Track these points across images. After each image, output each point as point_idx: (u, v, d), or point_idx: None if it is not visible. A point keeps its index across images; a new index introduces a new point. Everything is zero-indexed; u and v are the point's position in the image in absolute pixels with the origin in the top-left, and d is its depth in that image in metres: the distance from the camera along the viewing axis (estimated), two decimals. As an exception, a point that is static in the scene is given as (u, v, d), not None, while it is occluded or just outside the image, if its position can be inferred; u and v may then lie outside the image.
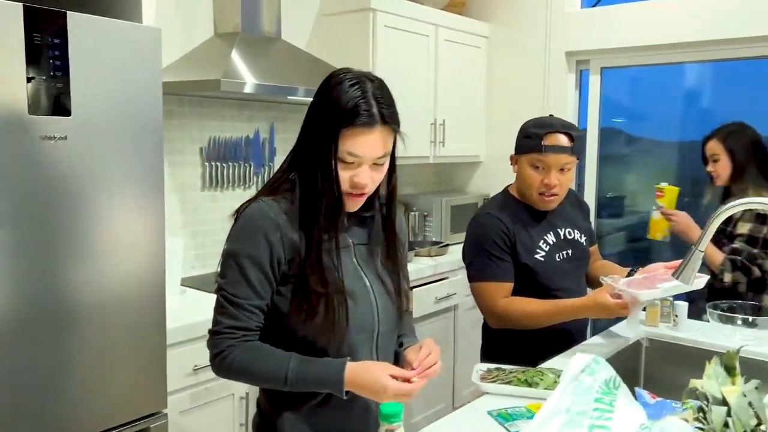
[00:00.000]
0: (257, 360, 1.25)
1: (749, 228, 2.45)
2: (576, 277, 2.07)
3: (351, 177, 1.23)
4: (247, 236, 1.25)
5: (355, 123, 1.19)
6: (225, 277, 1.26)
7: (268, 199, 1.28)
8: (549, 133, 1.93)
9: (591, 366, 1.13)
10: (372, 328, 1.32)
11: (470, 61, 3.83)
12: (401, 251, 1.42)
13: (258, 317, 1.27)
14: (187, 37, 2.77)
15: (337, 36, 3.29)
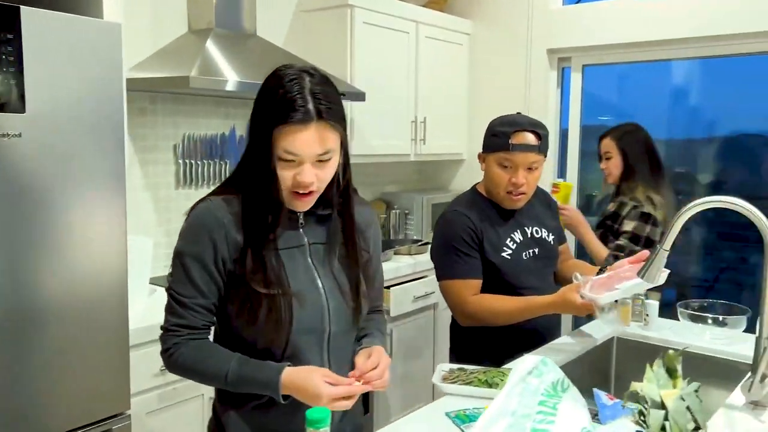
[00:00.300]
0: (201, 358, 1.26)
1: (633, 226, 2.51)
2: (543, 275, 2.05)
3: (294, 176, 1.21)
4: (193, 236, 1.25)
5: (289, 120, 1.17)
6: (173, 276, 1.27)
7: (217, 199, 1.27)
8: (516, 131, 1.91)
9: (539, 368, 1.11)
10: (321, 330, 1.29)
11: (452, 58, 3.80)
12: (369, 250, 1.40)
13: (204, 316, 1.27)
14: (161, 33, 2.74)
15: (315, 33, 3.26)
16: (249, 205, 1.24)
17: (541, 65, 3.70)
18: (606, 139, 2.71)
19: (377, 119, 3.30)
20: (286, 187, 1.23)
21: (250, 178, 1.24)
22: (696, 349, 1.95)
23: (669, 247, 1.59)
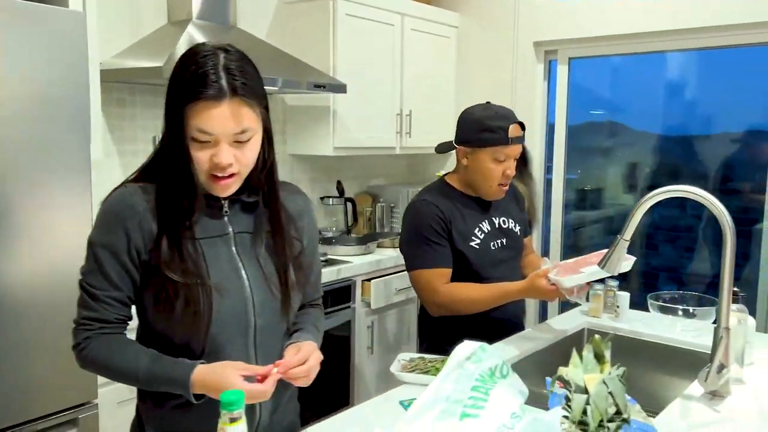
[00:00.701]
0: (113, 354, 1.18)
1: None
2: (510, 265, 2.05)
3: (210, 157, 1.13)
4: (105, 225, 1.18)
5: (201, 96, 1.09)
6: (85, 266, 1.20)
7: (133, 185, 1.20)
8: (511, 124, 1.92)
9: (477, 354, 1.11)
10: (246, 323, 1.21)
11: (438, 51, 3.78)
12: (302, 240, 1.32)
13: (117, 309, 1.19)
14: (140, 25, 2.73)
15: (298, 25, 3.25)
16: (163, 191, 1.17)
17: (527, 58, 3.68)
18: None
19: (361, 112, 3.29)
20: (204, 170, 1.15)
21: (165, 162, 1.16)
22: (664, 340, 1.95)
23: (629, 237, 1.59)
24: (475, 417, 0.99)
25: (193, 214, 1.18)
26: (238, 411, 0.82)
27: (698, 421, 1.38)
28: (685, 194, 1.52)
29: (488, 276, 1.97)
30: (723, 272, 1.48)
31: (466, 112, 2.02)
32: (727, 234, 1.46)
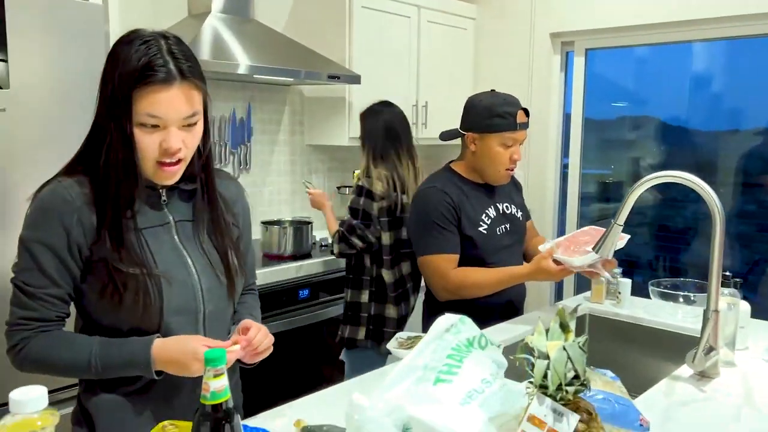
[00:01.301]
0: (56, 349, 1.14)
1: (351, 200, 2.53)
2: (513, 250, 2.09)
3: (160, 143, 1.12)
4: (42, 221, 1.14)
5: (150, 81, 1.08)
6: (18, 265, 1.16)
7: (66, 180, 1.16)
8: (518, 110, 1.98)
9: (456, 326, 1.16)
10: (195, 310, 1.21)
11: (456, 42, 3.82)
12: (239, 225, 1.34)
13: (57, 307, 1.16)
14: (161, 18, 2.83)
15: (314, 17, 3.32)
16: (101, 183, 1.14)
17: (544, 49, 3.69)
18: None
19: (374, 102, 3.34)
20: (151, 157, 1.14)
21: (101, 152, 1.13)
22: (663, 325, 1.97)
23: (622, 222, 1.62)
24: (448, 382, 1.04)
25: (133, 204, 1.16)
26: (221, 366, 0.89)
27: (680, 399, 1.41)
28: (676, 179, 1.54)
29: (492, 261, 2.02)
30: (712, 256, 1.51)
31: (474, 99, 2.07)
32: (716, 218, 1.49)
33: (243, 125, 3.18)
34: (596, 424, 0.96)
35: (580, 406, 0.96)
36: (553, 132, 3.75)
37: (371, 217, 2.45)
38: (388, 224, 2.49)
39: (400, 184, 2.51)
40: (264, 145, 3.31)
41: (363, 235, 2.45)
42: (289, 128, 3.40)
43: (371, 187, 2.46)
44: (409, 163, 2.57)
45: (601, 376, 1.32)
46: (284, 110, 3.38)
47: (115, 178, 1.14)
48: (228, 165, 3.14)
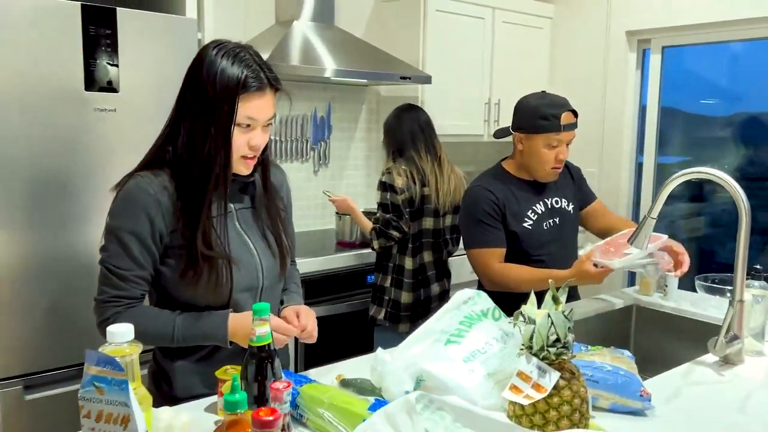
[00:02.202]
0: (143, 322, 1.28)
1: (378, 197, 2.68)
2: (560, 243, 2.18)
3: (248, 141, 1.31)
4: (128, 212, 1.31)
5: (250, 89, 1.28)
6: (108, 250, 1.33)
7: (146, 174, 1.33)
8: (564, 112, 2.08)
9: (473, 299, 1.33)
10: (256, 287, 1.41)
11: (531, 42, 3.91)
12: (284, 208, 1.52)
13: (141, 286, 1.35)
14: (251, 26, 3.13)
15: (391, 22, 3.53)
16: (192, 176, 1.31)
17: (620, 47, 3.72)
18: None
19: (449, 101, 3.51)
20: (240, 153, 1.32)
21: (195, 149, 1.30)
22: (707, 318, 2.02)
23: (656, 215, 1.71)
24: (457, 343, 1.22)
25: (225, 194, 1.34)
26: (266, 316, 1.11)
27: (696, 380, 1.50)
28: (706, 176, 1.62)
29: (538, 255, 2.14)
30: (738, 249, 1.58)
31: (523, 100, 2.19)
32: (742, 213, 1.56)
33: (323, 123, 3.44)
34: (577, 383, 1.10)
35: (564, 367, 1.10)
36: (628, 130, 3.77)
37: (400, 209, 2.64)
38: (410, 215, 2.66)
39: (420, 177, 2.68)
40: (342, 142, 3.56)
41: (398, 226, 2.64)
42: (365, 126, 3.63)
43: (392, 182, 2.64)
44: (429, 157, 2.73)
45: (616, 355, 1.45)
46: (362, 109, 3.62)
47: (210, 173, 1.30)
48: (308, 160, 3.42)
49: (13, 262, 1.95)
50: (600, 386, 1.32)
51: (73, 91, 1.99)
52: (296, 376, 1.30)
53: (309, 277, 2.76)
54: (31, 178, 1.95)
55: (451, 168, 2.83)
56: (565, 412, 1.07)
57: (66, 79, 1.97)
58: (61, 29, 1.95)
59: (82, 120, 2.02)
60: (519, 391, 1.07)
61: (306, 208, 3.45)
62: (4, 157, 1.90)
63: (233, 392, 0.94)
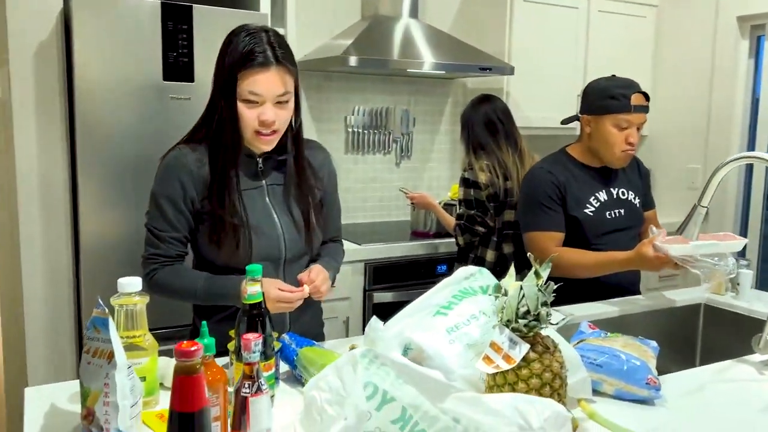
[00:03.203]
0: (174, 279, 1.46)
1: (462, 193, 2.66)
2: (624, 236, 2.07)
3: (258, 115, 1.39)
4: (165, 179, 1.45)
5: (252, 64, 1.36)
6: (149, 213, 1.49)
7: (184, 147, 1.48)
8: (635, 93, 2.01)
9: (475, 275, 1.33)
10: (278, 257, 1.50)
11: (632, 31, 3.71)
12: (322, 188, 1.60)
13: (177, 247, 1.48)
14: (338, 20, 3.26)
15: (478, 15, 3.52)
16: (214, 149, 1.44)
17: (730, 34, 3.44)
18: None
19: (536, 93, 3.43)
20: (251, 127, 1.40)
21: (215, 124, 1.42)
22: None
23: (707, 204, 1.61)
24: (444, 315, 1.22)
25: (236, 166, 1.45)
26: (258, 276, 1.19)
27: (731, 377, 1.39)
28: (753, 161, 1.50)
29: (598, 244, 2.05)
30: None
31: (592, 83, 2.13)
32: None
33: (406, 116, 3.50)
34: (550, 357, 1.07)
35: (538, 340, 1.08)
36: (737, 123, 3.47)
37: (484, 204, 2.61)
38: (495, 210, 2.62)
39: (502, 171, 2.63)
40: (425, 135, 3.60)
41: (483, 221, 2.62)
42: (450, 119, 3.64)
43: (476, 178, 2.61)
44: (509, 149, 2.67)
45: (634, 342, 1.37)
46: (447, 102, 3.64)
47: (223, 145, 1.43)
48: (390, 152, 3.49)
49: (103, 237, 2.19)
50: (603, 371, 1.27)
51: (153, 81, 2.20)
52: (301, 339, 1.37)
53: (380, 263, 2.84)
54: (117, 160, 2.19)
55: (532, 158, 2.77)
56: (533, 385, 1.05)
57: (147, 70, 2.19)
58: (144, 25, 2.17)
59: (160, 107, 2.23)
60: (491, 361, 1.06)
61: (386, 199, 3.53)
62: (96, 141, 2.15)
63: (202, 337, 1.03)
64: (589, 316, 1.82)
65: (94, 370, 1.04)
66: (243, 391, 1.03)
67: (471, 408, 0.90)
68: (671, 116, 3.77)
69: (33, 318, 2.23)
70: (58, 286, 2.25)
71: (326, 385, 0.94)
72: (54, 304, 2.25)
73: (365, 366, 0.95)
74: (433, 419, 0.93)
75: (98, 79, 2.13)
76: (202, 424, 0.81)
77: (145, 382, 1.18)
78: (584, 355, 1.29)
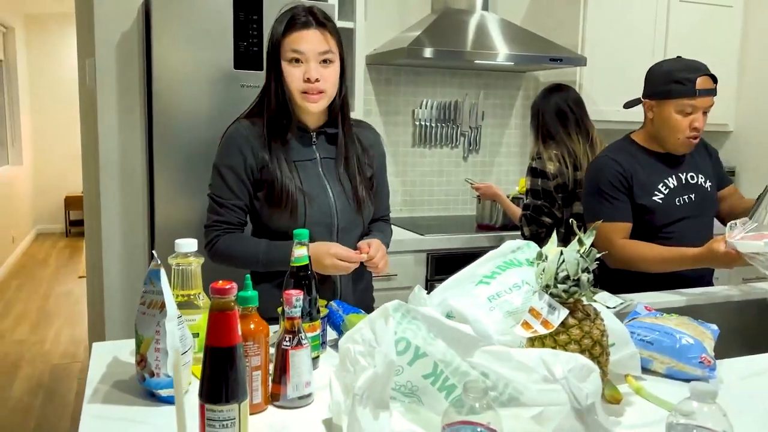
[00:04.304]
0: (236, 246, 1.55)
1: (529, 183, 2.61)
2: (695, 222, 1.99)
3: (302, 74, 1.48)
4: (226, 151, 1.56)
5: (293, 27, 1.49)
6: (211, 182, 1.59)
7: (245, 121, 1.58)
8: (700, 76, 1.93)
9: (522, 248, 1.32)
10: (330, 223, 1.57)
11: (717, 22, 3.55)
12: (373, 166, 1.66)
13: (237, 214, 1.56)
14: (407, 14, 3.29)
15: (552, 7, 3.46)
16: (269, 119, 1.54)
17: (825, 21, 3.22)
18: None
19: (610, 86, 3.33)
20: (296, 87, 1.49)
21: (268, 94, 1.53)
22: None
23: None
24: (486, 284, 1.22)
25: (289, 132, 1.55)
26: (305, 240, 1.23)
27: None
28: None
29: (668, 231, 1.98)
30: None
31: (655, 66, 2.05)
32: None
33: (475, 109, 3.48)
34: (591, 324, 1.04)
35: (578, 307, 1.06)
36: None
37: (552, 195, 2.56)
38: (563, 200, 2.56)
39: (572, 161, 2.56)
40: (495, 128, 3.57)
41: (551, 212, 2.57)
42: (521, 112, 3.59)
43: (544, 167, 2.56)
44: (580, 139, 2.59)
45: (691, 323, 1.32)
46: (518, 95, 3.59)
47: (276, 113, 1.53)
48: (458, 146, 3.48)
49: (175, 217, 2.31)
50: (654, 348, 1.23)
51: (224, 70, 2.31)
52: (348, 307, 1.40)
53: (443, 254, 2.84)
54: (190, 146, 2.30)
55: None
56: (572, 350, 1.03)
57: (219, 59, 2.30)
58: (217, 16, 2.27)
59: (231, 95, 2.32)
60: (529, 326, 1.05)
61: (453, 193, 3.52)
62: (171, 127, 2.27)
63: (246, 290, 1.08)
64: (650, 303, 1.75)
65: (148, 320, 1.11)
66: (283, 344, 1.08)
67: (499, 362, 0.90)
68: (759, 110, 3.57)
69: (111, 291, 2.38)
70: (133, 263, 2.39)
71: (360, 338, 0.96)
72: (129, 279, 2.39)
73: (398, 320, 0.97)
74: (463, 374, 0.93)
75: (174, 68, 2.26)
76: (234, 360, 0.85)
77: (198, 339, 1.24)
78: (634, 332, 1.25)
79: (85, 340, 4.25)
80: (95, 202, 2.51)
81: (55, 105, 7.96)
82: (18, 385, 3.59)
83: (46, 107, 7.98)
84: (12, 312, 5.00)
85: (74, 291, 5.62)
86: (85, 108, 2.66)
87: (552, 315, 1.04)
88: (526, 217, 2.63)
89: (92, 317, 2.73)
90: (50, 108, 7.98)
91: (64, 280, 6.00)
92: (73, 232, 8.11)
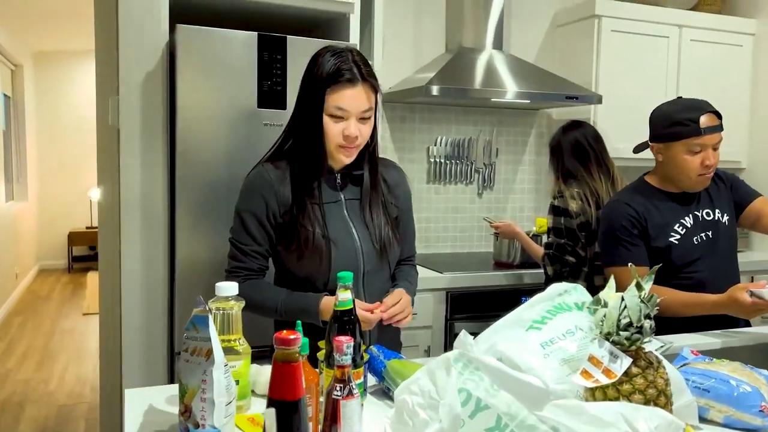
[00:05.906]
0: (256, 293, 1.48)
1: (551, 221, 2.58)
2: (716, 258, 1.98)
3: (342, 130, 1.46)
4: (249, 195, 1.53)
5: (340, 81, 1.44)
6: (233, 227, 1.57)
7: (267, 164, 1.55)
8: (702, 114, 1.93)
9: (569, 291, 1.29)
10: (356, 269, 1.52)
11: (728, 60, 3.59)
12: (399, 205, 1.63)
13: (258, 260, 1.54)
14: (422, 54, 3.32)
15: (565, 46, 3.49)
16: (297, 163, 1.51)
17: (836, 60, 3.25)
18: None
19: (625, 124, 3.34)
20: (335, 142, 1.47)
21: (300, 139, 1.49)
22: None
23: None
24: (538, 330, 1.19)
25: (319, 178, 1.51)
26: (349, 283, 1.20)
27: None
28: None
29: (688, 270, 1.97)
30: None
31: (655, 109, 2.06)
32: None
33: (489, 146, 3.49)
34: (654, 373, 1.01)
35: (640, 355, 1.03)
36: None
37: (575, 233, 2.53)
38: (586, 239, 2.53)
39: (594, 199, 2.54)
40: (509, 165, 3.57)
41: (574, 251, 2.54)
42: (535, 149, 3.60)
43: (566, 206, 2.53)
44: (602, 176, 2.58)
45: (744, 369, 1.28)
46: (531, 132, 3.60)
47: (307, 159, 1.50)
48: (473, 182, 3.48)
49: (196, 255, 2.28)
50: (711, 396, 1.19)
51: (248, 109, 2.30)
52: (389, 352, 1.36)
53: (462, 292, 2.80)
54: (212, 184, 2.28)
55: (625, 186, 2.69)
56: (636, 401, 0.99)
57: (243, 98, 2.29)
58: (241, 56, 2.28)
59: (254, 133, 2.31)
60: (589, 376, 1.02)
61: (468, 230, 3.50)
62: (194, 165, 2.25)
63: (299, 338, 1.04)
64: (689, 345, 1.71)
65: (193, 368, 1.08)
66: (334, 394, 1.04)
67: (571, 416, 0.86)
68: (773, 147, 3.58)
69: (130, 329, 2.33)
70: (153, 300, 2.35)
71: (418, 389, 0.93)
72: (149, 316, 2.35)
73: (459, 370, 0.93)
74: (531, 428, 0.89)
75: (198, 107, 2.25)
76: (300, 414, 0.81)
77: (238, 386, 1.20)
78: (689, 379, 1.21)
79: (92, 379, 4.18)
80: (112, 239, 2.48)
81: (61, 141, 8.00)
82: (23, 427, 3.51)
83: (52, 144, 8.02)
84: (16, 350, 4.92)
85: (78, 328, 5.56)
86: (103, 145, 2.65)
87: (614, 363, 1.00)
88: (549, 256, 2.60)
89: (105, 356, 2.67)
90: (56, 145, 8.02)
91: (68, 317, 5.93)
92: (75, 268, 8.07)
